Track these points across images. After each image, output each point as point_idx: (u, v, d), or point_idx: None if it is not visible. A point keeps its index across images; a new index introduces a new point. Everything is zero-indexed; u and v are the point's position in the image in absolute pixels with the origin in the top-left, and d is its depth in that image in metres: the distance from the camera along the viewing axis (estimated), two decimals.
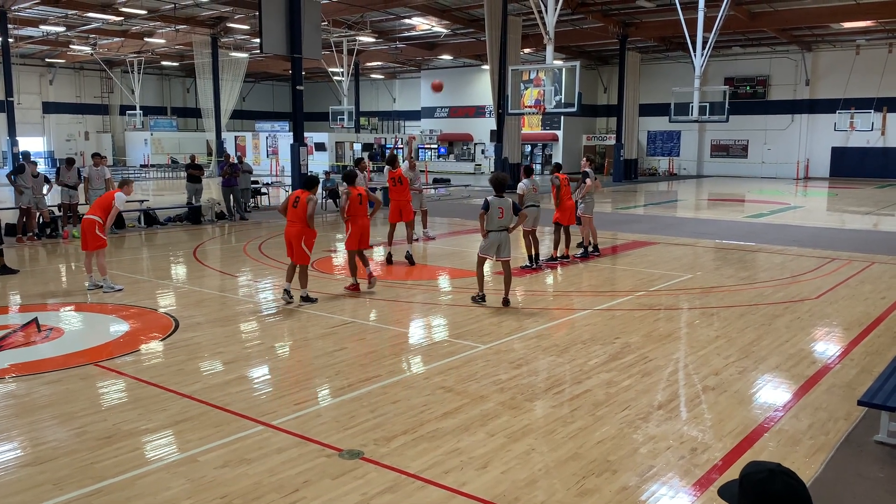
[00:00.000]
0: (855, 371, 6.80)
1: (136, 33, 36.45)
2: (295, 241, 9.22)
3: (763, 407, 5.92)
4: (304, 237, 9.20)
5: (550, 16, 16.87)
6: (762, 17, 30.61)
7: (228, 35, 36.87)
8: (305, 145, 22.40)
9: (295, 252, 9.28)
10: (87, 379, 6.48)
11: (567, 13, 28.56)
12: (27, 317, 8.65)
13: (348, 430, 5.30)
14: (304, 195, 9.27)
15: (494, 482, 4.51)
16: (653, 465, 4.79)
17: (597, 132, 46.88)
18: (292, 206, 9.27)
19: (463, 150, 48.45)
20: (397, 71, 52.11)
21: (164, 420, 5.50)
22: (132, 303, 9.50)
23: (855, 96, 36.91)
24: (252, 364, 7.02)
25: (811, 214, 22.04)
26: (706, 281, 11.24)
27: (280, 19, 20.00)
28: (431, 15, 31.89)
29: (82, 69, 48.82)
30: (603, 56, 43.54)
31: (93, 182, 15.66)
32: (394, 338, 7.99)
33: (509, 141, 29.10)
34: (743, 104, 39.69)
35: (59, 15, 31.66)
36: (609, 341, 7.75)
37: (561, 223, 12.58)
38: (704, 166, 43.72)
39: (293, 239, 9.24)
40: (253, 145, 45.74)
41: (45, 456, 4.88)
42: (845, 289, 10.63)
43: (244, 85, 42.62)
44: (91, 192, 15.37)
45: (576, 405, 5.85)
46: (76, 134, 49.26)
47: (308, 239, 9.27)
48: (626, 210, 23.20)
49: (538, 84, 16.89)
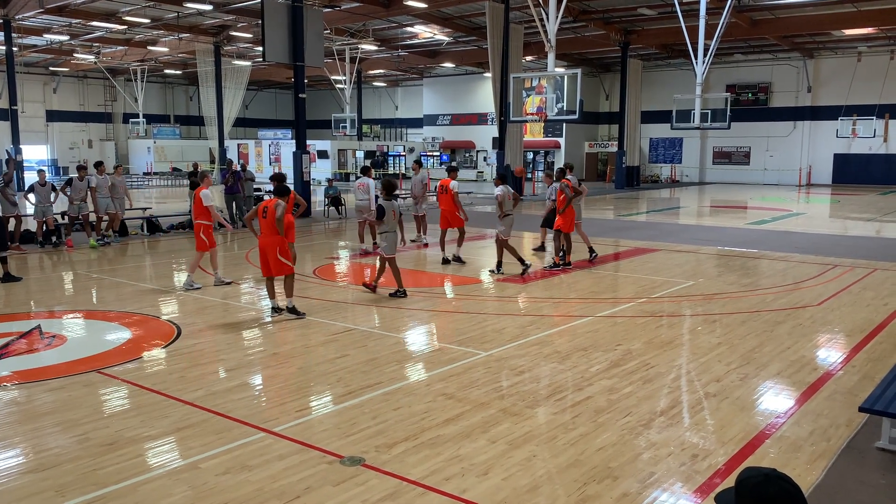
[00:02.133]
0: (857, 378, 6.79)
1: (140, 42, 36.66)
2: (270, 252, 8.89)
3: (764, 413, 5.92)
4: (278, 247, 8.89)
5: (552, 24, 16.94)
6: (763, 24, 30.70)
7: (231, 43, 37.05)
8: (308, 153, 22.47)
9: (272, 264, 8.94)
10: (89, 386, 6.50)
11: (569, 21, 28.67)
12: (30, 324, 8.69)
13: (349, 436, 5.31)
14: (271, 203, 8.89)
15: (495, 489, 4.51)
16: (654, 471, 4.79)
17: (599, 139, 46.98)
18: (262, 216, 8.90)
19: (465, 158, 48.55)
20: (399, 79, 52.30)
21: (167, 427, 5.51)
22: (135, 310, 9.52)
23: (857, 103, 36.94)
24: (254, 371, 7.04)
25: (813, 221, 22.03)
26: (708, 288, 11.24)
27: (283, 28, 20.11)
28: (433, 23, 32.03)
29: (86, 77, 49.08)
30: (605, 63, 43.66)
31: (100, 191, 15.72)
32: (395, 345, 8.00)
33: (511, 148, 29.15)
34: (745, 111, 39.74)
35: (63, 24, 31.86)
36: (611, 348, 7.75)
37: (562, 230, 12.59)
38: (707, 173, 43.75)
39: (268, 250, 8.91)
40: (255, 153, 45.88)
41: (47, 462, 4.89)
42: (847, 295, 10.63)
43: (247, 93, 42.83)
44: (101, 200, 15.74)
45: (577, 412, 5.86)
46: (80, 142, 49.47)
47: (283, 249, 8.93)
48: (628, 217, 23.21)
49: (540, 91, 16.93)
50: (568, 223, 12.56)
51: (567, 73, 16.31)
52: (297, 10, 20.13)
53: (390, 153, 48.03)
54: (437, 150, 48.80)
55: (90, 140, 50.14)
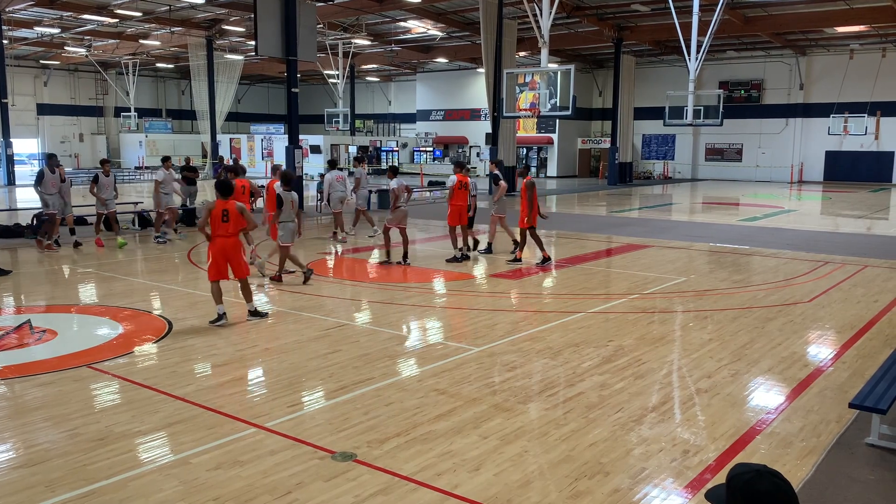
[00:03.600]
0: (847, 374, 6.83)
1: (132, 35, 36.41)
2: (233, 253, 8.62)
3: (755, 409, 5.95)
4: (240, 248, 8.76)
5: (545, 19, 16.91)
6: (756, 21, 30.76)
7: (224, 37, 36.88)
8: (300, 148, 22.40)
9: (234, 265, 8.65)
10: (80, 381, 6.47)
11: (562, 17, 28.62)
12: (20, 319, 8.64)
13: (341, 432, 5.31)
14: (231, 206, 8.57)
15: (487, 484, 4.52)
16: (645, 467, 4.81)
17: (592, 135, 47.00)
18: (222, 220, 8.53)
19: (458, 153, 48.52)
20: (393, 74, 52.19)
21: (158, 422, 5.49)
22: (126, 305, 9.48)
23: (849, 101, 37.07)
24: (245, 366, 7.02)
25: (805, 218, 22.12)
26: (700, 284, 11.28)
27: (275, 22, 20.01)
28: (427, 18, 31.95)
29: (77, 71, 48.75)
30: (598, 59, 43.67)
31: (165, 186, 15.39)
32: (387, 340, 7.99)
33: (504, 144, 29.14)
34: (737, 108, 39.82)
35: (53, 16, 31.61)
36: (602, 344, 7.77)
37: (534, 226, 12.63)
38: (699, 170, 43.86)
39: (231, 251, 8.57)
40: (248, 147, 45.72)
41: (37, 457, 4.87)
42: (838, 292, 10.68)
43: (239, 87, 42.64)
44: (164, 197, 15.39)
45: (569, 407, 5.87)
46: (70, 136, 49.17)
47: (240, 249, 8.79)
48: (620, 213, 23.25)
49: (533, 87, 16.91)
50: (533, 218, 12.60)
51: (560, 69, 16.29)
52: (290, 4, 20.03)
53: (383, 148, 47.95)
54: (430, 146, 48.74)
55: (81, 134, 49.85)
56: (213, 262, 8.54)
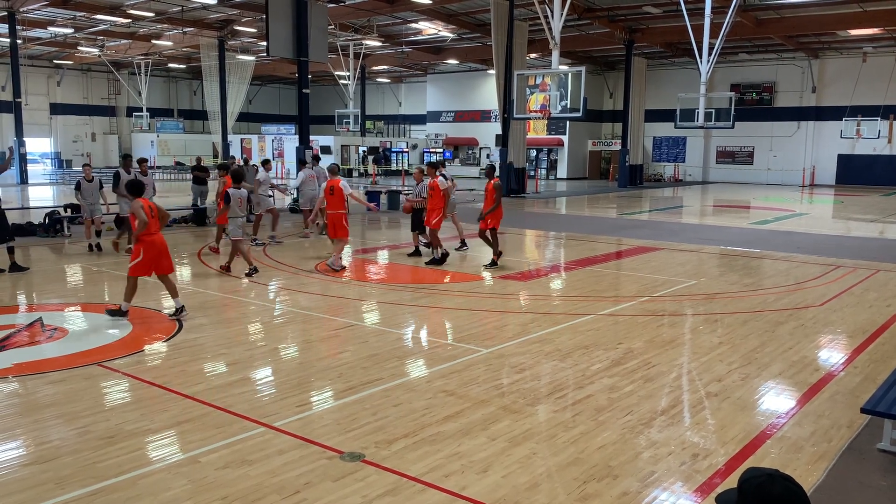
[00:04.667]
0: (858, 379, 6.78)
1: (144, 35, 36.63)
2: (165, 249, 8.85)
3: (765, 414, 5.91)
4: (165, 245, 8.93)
5: (557, 21, 16.89)
6: (769, 23, 30.62)
7: (235, 38, 37.05)
8: (311, 148, 22.46)
9: (168, 261, 8.93)
10: (90, 379, 6.50)
11: (573, 19, 28.61)
12: (32, 316, 8.70)
13: (350, 432, 5.31)
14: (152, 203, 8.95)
15: (495, 486, 4.51)
16: (654, 470, 4.78)
17: (602, 137, 46.92)
18: (160, 217, 8.86)
19: (468, 155, 48.54)
20: (403, 75, 52.26)
21: (167, 421, 5.51)
22: (136, 304, 9.51)
23: (861, 104, 36.85)
24: (255, 366, 7.03)
25: (816, 222, 21.99)
26: (710, 287, 11.22)
27: (287, 23, 20.09)
28: (438, 19, 31.98)
29: (90, 70, 49.09)
30: (609, 61, 43.58)
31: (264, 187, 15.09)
32: (396, 341, 8.00)
33: (514, 146, 29.13)
34: (749, 111, 39.63)
35: (67, 17, 31.85)
36: (612, 347, 7.74)
37: (496, 228, 12.57)
38: (710, 173, 43.69)
39: (164, 248, 8.82)
40: (259, 148, 45.89)
41: (47, 455, 4.89)
42: (850, 296, 10.60)
43: (251, 88, 42.83)
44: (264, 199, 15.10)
45: (578, 410, 5.85)
46: (83, 135, 49.50)
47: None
48: (630, 216, 23.19)
49: (544, 89, 16.89)
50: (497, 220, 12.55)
51: (571, 71, 16.27)
52: (301, 5, 20.11)
53: (392, 150, 48.01)
54: (440, 147, 48.77)
55: (93, 133, 50.19)
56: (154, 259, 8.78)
